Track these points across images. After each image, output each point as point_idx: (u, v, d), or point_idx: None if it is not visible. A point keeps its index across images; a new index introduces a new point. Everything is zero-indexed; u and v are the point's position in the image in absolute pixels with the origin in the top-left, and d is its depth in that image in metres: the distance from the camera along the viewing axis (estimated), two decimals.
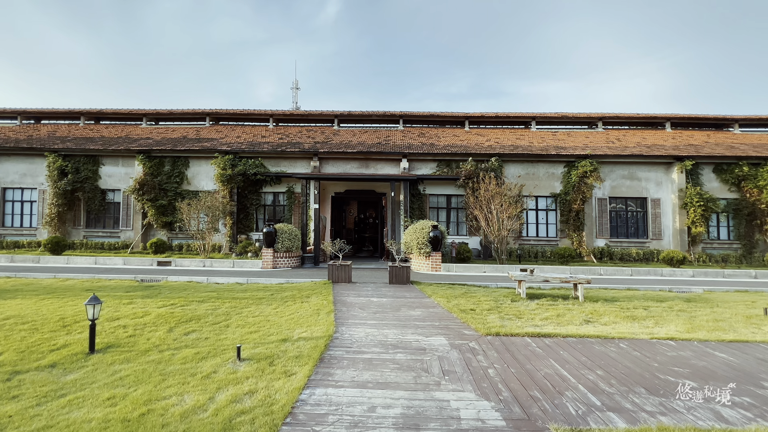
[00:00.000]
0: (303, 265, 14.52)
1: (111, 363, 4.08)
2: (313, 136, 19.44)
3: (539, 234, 17.30)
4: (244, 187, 17.46)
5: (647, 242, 16.82)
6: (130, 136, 19.93)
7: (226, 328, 5.38)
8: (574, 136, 19.66)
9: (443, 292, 8.16)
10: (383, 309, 6.54)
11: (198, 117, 21.37)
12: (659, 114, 20.41)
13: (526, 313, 6.31)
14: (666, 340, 4.88)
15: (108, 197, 18.72)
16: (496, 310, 6.43)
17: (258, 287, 8.83)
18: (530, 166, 17.35)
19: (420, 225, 13.73)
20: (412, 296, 7.71)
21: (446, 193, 17.40)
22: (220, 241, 17.49)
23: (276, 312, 6.30)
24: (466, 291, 8.36)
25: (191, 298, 7.36)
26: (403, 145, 18.16)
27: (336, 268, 9.25)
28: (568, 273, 13.11)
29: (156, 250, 15.40)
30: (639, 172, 17.10)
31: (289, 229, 13.97)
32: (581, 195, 16.30)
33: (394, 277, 9.17)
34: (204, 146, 18.12)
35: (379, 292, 8.13)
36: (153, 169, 17.87)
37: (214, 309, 6.50)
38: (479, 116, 20.77)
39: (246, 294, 7.84)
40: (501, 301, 7.24)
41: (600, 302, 7.30)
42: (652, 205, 16.91)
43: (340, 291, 8.20)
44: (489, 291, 8.57)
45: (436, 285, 9.26)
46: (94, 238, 18.33)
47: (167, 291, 8.11)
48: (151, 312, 6.15)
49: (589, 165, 16.24)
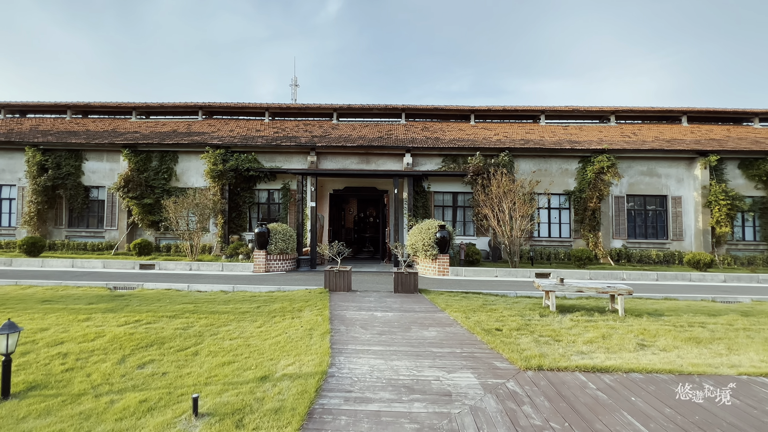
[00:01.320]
0: (298, 269, 13.39)
1: (22, 417, 2.96)
2: (310, 130, 18.30)
3: (551, 234, 16.19)
4: (237, 183, 16.32)
5: (667, 243, 15.71)
6: (117, 130, 18.76)
7: (194, 356, 4.26)
8: (587, 131, 18.55)
9: (458, 303, 7.04)
10: (390, 328, 5.42)
11: (190, 111, 20.20)
12: (675, 107, 19.27)
13: (564, 333, 5.19)
14: (762, 377, 3.77)
15: (92, 195, 17.57)
16: (526, 330, 5.31)
17: (244, 297, 7.71)
18: (542, 161, 16.23)
19: (426, 225, 12.62)
20: (422, 309, 6.59)
21: (452, 190, 16.27)
22: (211, 242, 16.37)
23: (260, 332, 5.18)
24: (483, 302, 7.24)
25: (162, 311, 6.23)
26: (406, 139, 17.03)
27: (333, 275, 8.12)
28: (589, 278, 12.00)
29: (140, 252, 14.27)
30: (659, 168, 15.98)
31: (284, 229, 12.85)
32: (597, 192, 15.17)
33: (399, 285, 8.06)
34: (194, 140, 16.97)
35: (384, 304, 7.01)
36: (139, 165, 16.72)
37: (185, 327, 5.37)
38: (485, 110, 19.62)
39: (228, 306, 6.72)
40: (528, 317, 6.13)
41: (644, 317, 6.19)
42: (672, 204, 15.79)
43: (338, 302, 7.08)
44: (510, 302, 7.46)
45: (448, 294, 8.14)
46: (76, 239, 17.20)
47: (137, 302, 6.98)
48: (107, 333, 5.03)
49: (606, 160, 15.11)
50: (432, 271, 12.24)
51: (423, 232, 12.42)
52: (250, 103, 19.93)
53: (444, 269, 12.07)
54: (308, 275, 11.75)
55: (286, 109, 20.06)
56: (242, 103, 19.93)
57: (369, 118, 20.33)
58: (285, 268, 12.78)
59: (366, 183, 16.90)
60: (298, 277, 11.40)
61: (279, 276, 11.49)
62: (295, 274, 11.97)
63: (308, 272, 12.61)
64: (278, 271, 12.56)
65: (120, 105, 20.01)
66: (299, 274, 11.98)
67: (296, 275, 11.78)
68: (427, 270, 12.41)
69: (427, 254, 12.22)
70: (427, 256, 12.25)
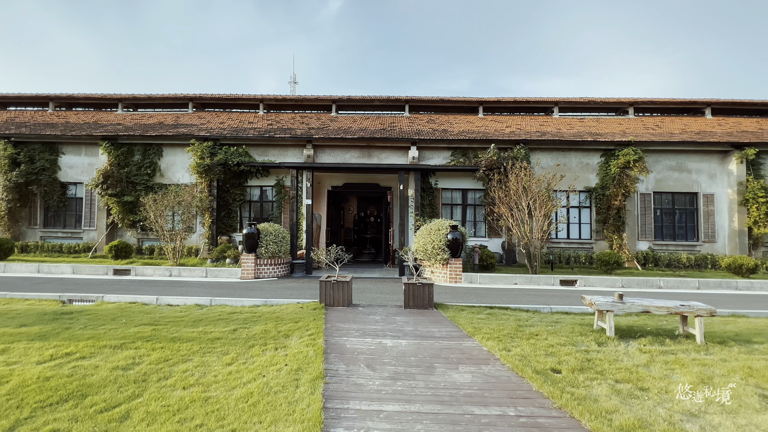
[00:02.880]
0: (292, 274, 11.96)
1: None
2: (307, 123, 16.87)
3: (570, 235, 14.78)
4: (226, 179, 14.89)
5: (698, 245, 14.31)
6: (99, 122, 17.31)
7: (120, 424, 2.85)
8: (605, 123, 17.14)
9: (486, 324, 5.62)
10: (407, 366, 4.00)
11: (180, 103, 18.75)
12: (699, 99, 17.84)
13: (645, 376, 3.78)
14: None
15: (69, 192, 16.15)
16: (592, 370, 3.90)
17: (221, 314, 6.28)
18: (561, 155, 14.81)
19: (435, 225, 11.21)
20: (443, 334, 5.17)
21: (462, 187, 14.86)
22: (198, 244, 14.94)
23: (228, 374, 3.77)
24: (517, 322, 5.82)
25: (108, 338, 4.81)
26: (411, 131, 15.62)
27: (331, 286, 6.69)
28: (621, 285, 10.59)
29: (116, 255, 12.83)
30: (689, 162, 14.57)
31: (276, 230, 11.43)
32: (623, 189, 13.76)
33: (411, 299, 6.63)
34: (179, 132, 15.54)
35: (394, 325, 5.59)
36: (120, 159, 15.28)
37: (128, 366, 3.96)
38: (495, 101, 18.20)
39: (197, 329, 5.30)
40: (583, 345, 4.72)
41: (732, 346, 4.79)
42: (704, 202, 14.39)
43: (335, 323, 5.66)
44: (548, 320, 6.05)
45: (469, 310, 6.71)
46: (52, 240, 15.78)
47: (84, 323, 5.56)
48: (15, 376, 3.61)
49: (632, 153, 13.69)
50: (442, 277, 10.82)
51: (432, 234, 11.00)
52: (244, 95, 18.49)
53: (456, 275, 10.66)
54: (303, 282, 10.33)
55: (282, 100, 18.62)
56: (235, 95, 18.49)
57: (370, 110, 18.92)
58: (277, 273, 11.36)
59: (367, 179, 15.48)
60: (291, 284, 9.98)
61: (269, 284, 10.07)
62: (287, 281, 10.54)
63: (303, 279, 11.19)
64: (269, 277, 11.14)
65: (105, 96, 18.54)
66: (293, 281, 10.56)
67: (289, 282, 10.36)
68: (436, 276, 11.00)
69: (437, 258, 10.81)
70: (437, 260, 10.84)
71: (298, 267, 12.01)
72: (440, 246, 10.75)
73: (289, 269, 11.95)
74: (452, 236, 10.65)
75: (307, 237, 12.40)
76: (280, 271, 11.50)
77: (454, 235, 10.65)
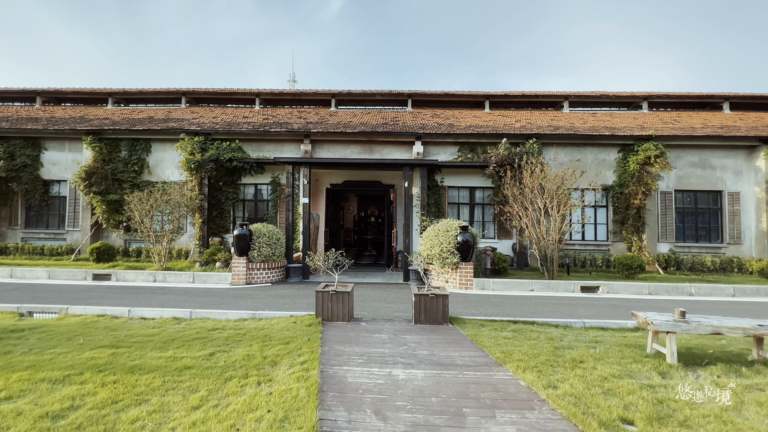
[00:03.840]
0: (288, 279, 11.01)
1: None
2: (305, 117, 15.95)
3: (585, 237, 13.84)
4: (218, 177, 13.93)
5: (722, 247, 13.37)
6: (86, 116, 16.36)
7: None
8: (619, 117, 16.22)
9: (516, 347, 4.68)
10: (427, 415, 3.06)
11: (173, 98, 17.84)
12: (716, 93, 16.96)
13: (741, 425, 2.85)
14: None
15: (52, 190, 15.20)
16: (671, 417, 2.97)
17: (200, 331, 5.34)
18: (575, 150, 13.87)
19: (443, 226, 10.27)
20: (467, 361, 4.22)
21: (469, 184, 13.92)
22: (188, 245, 14.00)
23: (191, 425, 2.83)
24: (551, 343, 4.88)
25: (51, 368, 3.87)
26: (415, 125, 14.69)
27: (328, 298, 5.74)
28: (648, 292, 9.66)
29: (98, 258, 11.88)
30: (713, 158, 13.63)
31: (270, 231, 10.49)
32: (643, 187, 12.82)
33: (422, 313, 5.69)
34: (169, 126, 14.61)
35: (405, 349, 4.64)
36: (105, 155, 14.34)
37: (62, 412, 3.02)
38: (502, 95, 17.31)
39: (165, 353, 4.35)
40: (643, 377, 3.78)
41: None
42: (729, 200, 13.45)
43: (334, 345, 4.71)
44: (585, 339, 5.11)
45: (490, 325, 5.76)
46: (34, 241, 14.83)
47: (31, 344, 4.62)
48: None
49: (653, 148, 12.75)
50: (451, 283, 9.88)
51: (440, 235, 10.07)
52: (239, 89, 17.58)
53: (467, 281, 9.72)
54: (298, 289, 9.39)
55: (279, 94, 17.71)
56: (230, 89, 17.58)
57: (371, 105, 18.01)
58: (271, 279, 10.42)
59: (369, 176, 14.54)
60: (285, 291, 9.04)
61: (262, 290, 9.12)
62: (282, 288, 9.59)
63: (299, 285, 10.25)
64: (262, 282, 10.20)
65: (94, 91, 17.62)
66: (288, 288, 9.61)
67: (284, 289, 9.41)
68: (443, 281, 10.06)
69: (446, 262, 9.87)
70: (446, 264, 9.90)
71: (294, 271, 11.07)
72: (449, 249, 9.81)
73: (284, 274, 11.01)
74: (463, 238, 9.72)
75: (304, 238, 11.46)
76: (275, 276, 10.56)
77: (464, 237, 9.72)
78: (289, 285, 10.10)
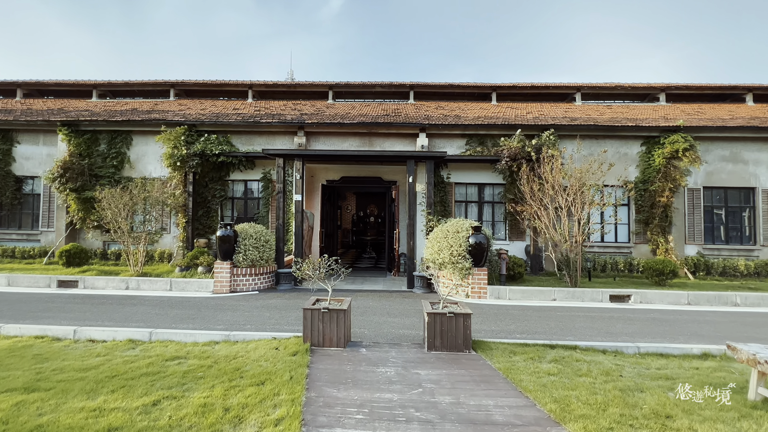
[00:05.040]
0: (278, 286, 9.82)
1: None
2: (300, 109, 14.78)
3: (605, 238, 12.67)
4: (204, 172, 12.73)
5: (756, 250, 12.22)
6: (65, 108, 15.17)
7: None
8: (637, 110, 15.04)
9: (569, 390, 3.50)
10: None
11: (162, 91, 16.69)
12: (739, 84, 15.83)
13: None
14: None
15: (26, 187, 14.01)
16: None
17: (154, 361, 4.16)
18: (594, 143, 12.69)
19: (452, 226, 9.11)
20: (509, 416, 3.04)
21: (478, 181, 12.74)
22: (172, 247, 12.83)
23: None
24: (612, 383, 3.70)
25: None
26: (419, 116, 13.52)
27: (320, 318, 4.56)
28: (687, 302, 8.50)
29: (68, 262, 10.70)
30: (745, 152, 12.46)
31: (257, 233, 9.32)
32: (670, 183, 11.66)
33: (437, 337, 4.52)
34: (151, 117, 13.43)
35: (419, 393, 3.45)
36: (82, 148, 13.16)
37: None
38: (510, 87, 16.14)
39: (91, 404, 3.18)
40: None
41: None
42: (763, 198, 12.29)
43: (324, 388, 3.52)
44: (649, 374, 3.95)
45: (522, 351, 4.58)
46: (5, 243, 13.64)
47: None
48: None
49: (681, 141, 11.59)
50: (462, 292, 8.70)
51: (449, 237, 8.90)
52: (231, 81, 16.41)
53: (481, 290, 8.55)
54: (288, 299, 8.21)
55: (273, 86, 16.57)
56: (221, 81, 16.41)
57: (371, 98, 16.85)
58: (258, 286, 9.24)
59: (368, 172, 13.36)
60: (273, 302, 7.86)
61: (246, 300, 7.94)
62: (270, 297, 8.41)
63: (290, 293, 9.07)
64: (248, 290, 9.02)
65: (77, 83, 16.43)
66: (276, 297, 8.44)
67: (272, 298, 8.23)
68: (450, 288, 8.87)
69: (456, 267, 8.69)
70: (456, 270, 8.71)
71: (284, 277, 9.88)
72: (460, 252, 8.64)
73: (273, 280, 9.83)
74: (475, 240, 8.56)
75: (297, 240, 10.28)
76: (263, 282, 9.38)
77: (477, 239, 8.55)
78: (278, 293, 8.92)
